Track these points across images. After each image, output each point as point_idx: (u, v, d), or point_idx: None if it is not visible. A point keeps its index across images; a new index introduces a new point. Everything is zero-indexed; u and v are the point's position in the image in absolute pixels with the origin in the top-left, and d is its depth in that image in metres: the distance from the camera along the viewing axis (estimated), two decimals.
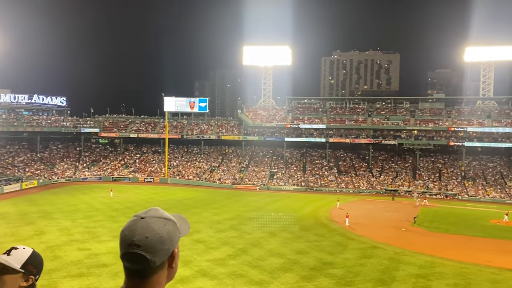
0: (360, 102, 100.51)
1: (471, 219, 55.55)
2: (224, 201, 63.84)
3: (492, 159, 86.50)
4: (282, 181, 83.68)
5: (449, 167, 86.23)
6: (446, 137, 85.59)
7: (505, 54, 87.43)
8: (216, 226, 45.02)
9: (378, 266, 33.11)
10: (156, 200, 63.49)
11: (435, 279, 30.41)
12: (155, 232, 2.09)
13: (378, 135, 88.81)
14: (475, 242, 42.93)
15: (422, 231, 47.32)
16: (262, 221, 48.48)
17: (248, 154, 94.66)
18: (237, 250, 35.98)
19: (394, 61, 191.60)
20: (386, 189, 79.18)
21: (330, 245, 39.02)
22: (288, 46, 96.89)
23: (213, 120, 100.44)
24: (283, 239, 40.77)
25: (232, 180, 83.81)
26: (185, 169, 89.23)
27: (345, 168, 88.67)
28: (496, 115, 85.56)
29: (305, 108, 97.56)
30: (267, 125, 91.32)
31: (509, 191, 75.46)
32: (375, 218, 53.74)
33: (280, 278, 29.50)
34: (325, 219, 52.17)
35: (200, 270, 30.24)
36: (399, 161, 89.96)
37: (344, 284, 28.75)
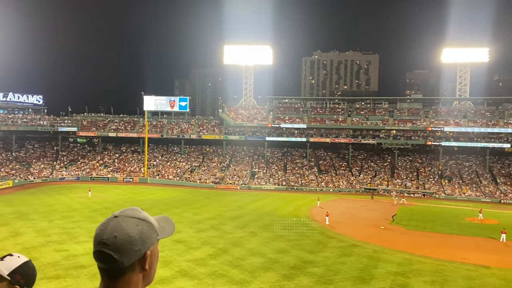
0: (340, 102, 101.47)
1: (447, 217, 56.71)
2: (205, 200, 63.57)
3: (468, 159, 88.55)
4: (263, 180, 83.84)
5: (427, 166, 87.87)
6: (423, 136, 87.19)
7: (481, 55, 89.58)
8: (197, 226, 44.80)
9: (358, 264, 33.50)
10: (135, 200, 62.77)
11: (413, 277, 30.94)
12: (124, 232, 2.02)
13: (357, 135, 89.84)
14: (451, 240, 43.86)
15: (401, 229, 48.07)
16: (243, 221, 48.52)
17: (229, 154, 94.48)
18: (218, 250, 35.88)
19: (373, 62, 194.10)
20: (365, 188, 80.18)
21: (310, 244, 39.28)
22: (269, 45, 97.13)
23: (193, 120, 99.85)
24: (264, 238, 40.85)
25: (213, 180, 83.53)
26: (165, 169, 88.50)
27: (325, 168, 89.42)
28: (472, 115, 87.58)
29: (286, 108, 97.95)
30: (248, 124, 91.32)
31: (484, 190, 77.37)
32: (355, 217, 54.36)
33: (260, 277, 29.54)
34: (305, 218, 52.48)
35: (180, 270, 30.03)
36: (378, 160, 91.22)
37: (324, 283, 28.98)
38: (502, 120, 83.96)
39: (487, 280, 30.85)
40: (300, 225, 47.75)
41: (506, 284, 30.05)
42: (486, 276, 31.69)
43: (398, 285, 29.01)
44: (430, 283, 29.66)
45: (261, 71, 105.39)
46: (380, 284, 29.07)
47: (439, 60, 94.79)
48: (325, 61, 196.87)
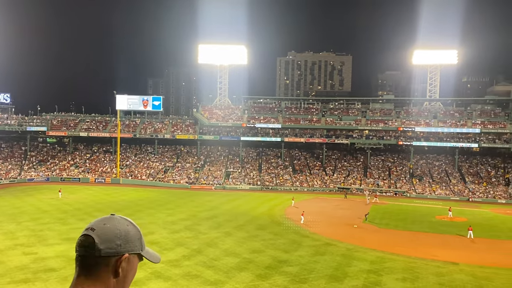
0: (314, 102, 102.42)
1: (418, 216, 58.05)
2: (179, 201, 62.96)
3: (438, 158, 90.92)
4: (238, 180, 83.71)
5: (398, 165, 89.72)
6: (395, 136, 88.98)
7: (450, 57, 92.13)
8: (171, 227, 44.29)
9: (331, 262, 33.84)
10: (108, 201, 61.54)
11: (385, 274, 31.48)
12: (114, 224, 2.13)
13: (331, 135, 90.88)
14: (422, 237, 44.90)
15: (373, 228, 48.87)
16: (218, 221, 48.30)
17: (203, 154, 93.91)
18: (192, 251, 35.57)
19: (346, 63, 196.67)
20: (339, 187, 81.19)
21: (285, 243, 39.43)
22: (244, 45, 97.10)
23: (167, 119, 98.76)
24: (238, 238, 40.75)
25: (187, 180, 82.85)
26: (138, 169, 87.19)
27: (300, 167, 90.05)
28: (441, 116, 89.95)
29: (261, 108, 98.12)
30: (223, 124, 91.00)
31: (453, 188, 79.58)
32: (329, 216, 54.93)
33: (235, 277, 29.46)
34: (280, 217, 52.68)
35: (154, 272, 29.61)
36: (351, 160, 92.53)
37: (299, 281, 29.14)
38: (470, 121, 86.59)
39: (456, 276, 31.71)
40: (274, 225, 47.89)
41: (474, 279, 30.96)
42: (455, 272, 32.56)
43: (371, 283, 29.46)
44: (402, 280, 30.25)
45: (236, 71, 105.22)
46: (353, 282, 29.45)
47: (410, 61, 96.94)
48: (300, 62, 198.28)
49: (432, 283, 29.99)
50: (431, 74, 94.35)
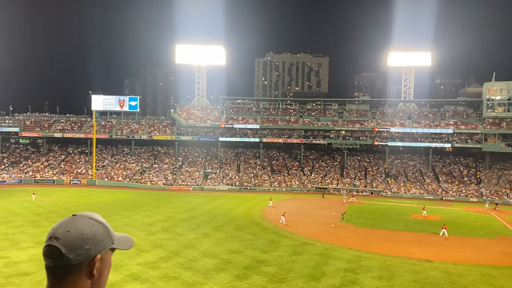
0: (292, 103, 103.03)
1: (393, 214, 59.12)
2: (156, 202, 62.34)
3: (412, 158, 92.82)
4: (217, 181, 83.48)
5: (374, 165, 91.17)
6: (371, 137, 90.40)
7: (424, 59, 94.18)
8: (148, 229, 43.82)
9: (309, 262, 34.14)
10: (83, 203, 60.41)
11: (361, 273, 31.95)
12: (78, 228, 2.01)
13: (309, 135, 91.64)
14: (397, 236, 45.77)
15: (350, 227, 49.54)
16: (196, 222, 48.07)
17: (181, 155, 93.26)
18: (170, 252, 35.30)
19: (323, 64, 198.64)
20: (316, 187, 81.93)
21: (263, 244, 39.54)
22: (222, 46, 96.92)
23: (144, 120, 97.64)
24: (217, 239, 40.65)
25: (165, 181, 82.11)
26: (115, 171, 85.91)
27: (278, 167, 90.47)
28: (416, 117, 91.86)
29: (239, 108, 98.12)
30: (201, 124, 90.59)
31: (427, 188, 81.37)
32: (306, 216, 55.38)
33: (213, 278, 29.39)
34: (258, 218, 52.79)
35: (131, 274, 29.26)
36: (328, 160, 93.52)
37: (277, 281, 29.28)
38: (443, 121, 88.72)
39: (430, 273, 32.45)
40: (253, 225, 47.97)
41: (447, 276, 31.76)
42: (429, 270, 33.33)
43: (348, 281, 29.86)
44: (378, 278, 30.77)
45: (214, 71, 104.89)
46: (330, 281, 29.79)
47: (386, 63, 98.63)
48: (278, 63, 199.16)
49: (408, 280, 30.61)
50: (406, 75, 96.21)
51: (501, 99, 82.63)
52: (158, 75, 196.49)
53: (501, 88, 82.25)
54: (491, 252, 40.01)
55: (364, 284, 29.39)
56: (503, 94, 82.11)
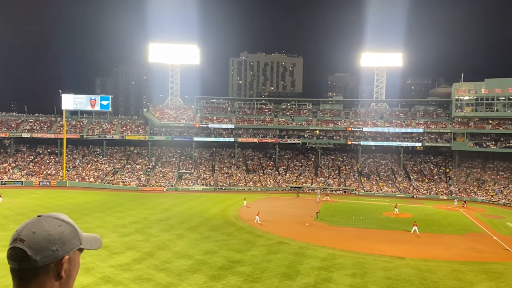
0: (267, 102, 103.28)
1: (366, 212, 60.05)
2: (129, 204, 61.32)
3: (385, 157, 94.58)
4: (191, 181, 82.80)
5: (347, 164, 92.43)
6: (344, 136, 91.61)
7: (395, 60, 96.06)
8: (121, 230, 43.05)
9: (284, 261, 34.27)
10: (53, 205, 58.77)
11: (335, 270, 32.30)
12: (44, 229, 1.94)
13: (283, 135, 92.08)
14: (370, 234, 46.50)
15: (324, 225, 50.03)
16: (170, 223, 47.53)
17: (154, 155, 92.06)
18: (143, 254, 34.78)
19: (298, 64, 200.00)
20: (291, 186, 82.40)
21: (238, 244, 39.46)
22: (197, 45, 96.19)
23: (116, 119, 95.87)
24: (191, 240, 40.31)
25: (138, 182, 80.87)
26: (86, 171, 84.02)
27: (253, 167, 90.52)
28: (387, 116, 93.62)
29: (214, 108, 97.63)
30: (175, 124, 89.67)
31: (399, 186, 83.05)
32: (281, 215, 55.60)
33: (188, 279, 29.12)
34: (233, 218, 52.65)
35: (103, 276, 28.67)
36: (302, 159, 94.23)
37: (252, 281, 29.26)
38: (414, 121, 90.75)
39: (402, 270, 33.10)
40: (228, 225, 47.80)
41: (418, 272, 32.47)
42: (401, 266, 33.99)
43: (322, 280, 30.11)
44: (352, 276, 31.17)
45: (188, 70, 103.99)
46: (305, 280, 29.97)
47: (358, 64, 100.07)
48: (252, 62, 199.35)
49: (380, 277, 31.13)
50: (378, 76, 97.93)
51: (469, 99, 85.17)
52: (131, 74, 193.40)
53: (469, 88, 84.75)
54: (460, 248, 41.16)
55: (338, 282, 29.70)
56: (471, 94, 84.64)
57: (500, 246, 41.85)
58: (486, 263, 35.82)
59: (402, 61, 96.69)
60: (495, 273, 32.94)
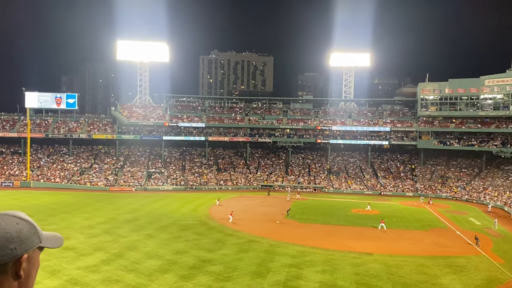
0: (238, 101, 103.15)
1: (336, 210, 61.04)
2: (97, 204, 59.99)
3: (353, 155, 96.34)
4: (160, 181, 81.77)
5: (317, 162, 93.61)
6: (314, 135, 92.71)
7: (363, 60, 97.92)
8: (88, 231, 42.09)
9: (255, 259, 34.40)
10: (16, 206, 56.73)
11: (306, 267, 32.68)
12: (1, 227, 1.90)
13: (254, 134, 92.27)
14: (339, 230, 47.30)
15: (294, 223, 50.51)
16: (139, 223, 46.83)
17: (123, 154, 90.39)
18: (112, 255, 34.14)
19: (268, 63, 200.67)
20: (262, 184, 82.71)
21: (209, 243, 39.32)
22: (166, 42, 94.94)
23: (83, 118, 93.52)
24: (161, 240, 39.87)
25: (105, 182, 79.19)
26: (51, 171, 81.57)
27: (224, 166, 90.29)
28: (356, 115, 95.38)
29: (184, 107, 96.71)
30: (143, 123, 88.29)
31: (367, 183, 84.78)
32: (252, 213, 55.75)
33: (158, 280, 28.80)
34: (204, 217, 52.39)
35: (70, 279, 27.96)
36: (273, 158, 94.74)
37: (223, 280, 29.23)
38: (381, 120, 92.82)
39: (370, 265, 33.84)
40: (199, 225, 47.54)
41: (386, 268, 33.28)
42: (369, 262, 34.75)
43: (292, 277, 30.41)
44: (321, 272, 31.62)
45: (158, 68, 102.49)
46: (276, 277, 30.19)
47: (328, 63, 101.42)
48: (223, 61, 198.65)
49: (349, 273, 31.73)
50: (346, 76, 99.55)
51: (434, 99, 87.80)
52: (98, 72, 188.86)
53: (434, 88, 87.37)
54: (425, 243, 42.46)
55: (308, 279, 30.08)
56: (436, 94, 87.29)
57: (463, 241, 43.44)
58: (450, 257, 37.10)
59: (370, 61, 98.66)
60: (458, 267, 34.16)
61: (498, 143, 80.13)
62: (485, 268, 34.15)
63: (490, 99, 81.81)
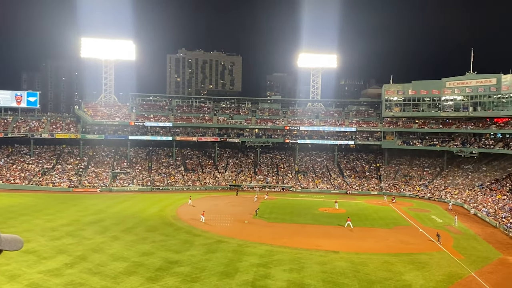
0: (206, 101, 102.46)
1: (303, 209, 61.69)
2: (60, 206, 58.16)
3: (320, 155, 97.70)
4: (126, 181, 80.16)
5: (285, 162, 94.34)
6: (282, 135, 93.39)
7: (330, 61, 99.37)
8: (50, 234, 40.74)
9: (223, 259, 34.29)
10: None
11: (273, 267, 32.86)
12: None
13: (223, 133, 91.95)
14: (307, 229, 47.83)
15: (263, 223, 50.68)
16: (104, 225, 45.76)
17: (87, 154, 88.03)
18: (75, 258, 33.19)
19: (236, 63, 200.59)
20: (230, 184, 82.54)
21: (176, 244, 38.89)
22: (132, 41, 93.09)
23: (45, 117, 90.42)
24: (127, 242, 39.10)
25: (69, 183, 76.89)
26: (11, 172, 78.43)
27: (192, 166, 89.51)
28: (323, 116, 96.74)
29: (151, 106, 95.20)
30: (108, 122, 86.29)
31: (334, 182, 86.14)
32: (221, 213, 55.48)
33: (124, 282, 28.23)
34: (171, 218, 51.77)
35: (31, 283, 26.98)
36: (242, 158, 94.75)
37: (190, 281, 28.97)
38: (347, 120, 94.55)
39: (337, 263, 34.38)
40: (166, 226, 46.93)
41: (352, 265, 33.91)
42: (336, 260, 35.31)
43: (260, 276, 30.50)
44: (289, 271, 31.86)
45: (124, 67, 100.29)
46: (244, 277, 30.19)
47: (296, 64, 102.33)
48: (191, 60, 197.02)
49: (316, 271, 32.13)
50: (314, 76, 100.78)
51: (398, 100, 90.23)
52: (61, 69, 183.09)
53: (398, 89, 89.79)
54: (390, 240, 43.56)
55: (276, 278, 30.24)
56: (399, 95, 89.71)
57: (425, 238, 44.84)
58: (413, 254, 38.21)
59: (337, 62, 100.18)
60: (421, 263, 35.23)
61: (458, 143, 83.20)
62: (446, 264, 35.37)
63: (451, 100, 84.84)
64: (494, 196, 65.69)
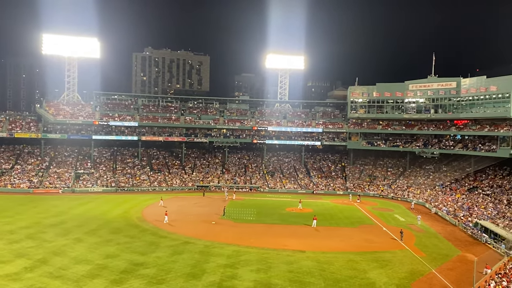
0: (173, 100, 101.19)
1: (271, 209, 61.99)
2: (19, 207, 55.95)
3: (288, 155, 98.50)
4: (90, 182, 78.07)
5: (253, 162, 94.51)
6: (250, 135, 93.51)
7: (298, 63, 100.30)
8: (9, 237, 39.17)
9: (189, 261, 33.99)
10: None
11: (241, 267, 32.84)
12: None
13: (190, 133, 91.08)
14: (274, 229, 48.08)
15: (230, 223, 50.56)
16: (66, 227, 44.41)
17: (48, 154, 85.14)
18: (35, 261, 32.05)
19: (204, 63, 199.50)
20: (198, 185, 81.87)
21: (142, 246, 38.25)
22: (97, 38, 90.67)
23: (3, 115, 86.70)
24: (90, 244, 38.10)
25: (29, 184, 74.11)
26: None
27: (158, 166, 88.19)
28: (290, 117, 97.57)
29: (116, 105, 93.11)
30: (71, 121, 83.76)
31: (301, 182, 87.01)
32: (187, 214, 55.02)
33: (86, 286, 27.49)
34: (137, 219, 50.84)
35: None
36: (210, 158, 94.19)
37: (156, 283, 28.56)
38: (314, 121, 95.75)
39: (303, 263, 34.75)
40: (131, 227, 46.04)
41: (318, 264, 34.36)
42: (302, 260, 35.68)
43: (227, 277, 30.42)
44: (256, 271, 31.93)
45: (88, 65, 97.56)
46: (211, 278, 30.02)
47: (264, 65, 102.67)
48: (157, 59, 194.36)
49: (283, 271, 32.35)
50: (282, 77, 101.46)
51: (363, 102, 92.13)
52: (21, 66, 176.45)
53: (363, 91, 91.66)
54: (355, 239, 44.42)
55: (243, 278, 30.24)
56: (364, 97, 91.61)
57: (388, 236, 46.02)
58: (377, 252, 39.13)
59: (304, 64, 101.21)
60: (384, 261, 36.12)
61: (420, 144, 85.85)
62: (408, 261, 36.41)
63: (414, 102, 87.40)
64: (453, 195, 68.23)
